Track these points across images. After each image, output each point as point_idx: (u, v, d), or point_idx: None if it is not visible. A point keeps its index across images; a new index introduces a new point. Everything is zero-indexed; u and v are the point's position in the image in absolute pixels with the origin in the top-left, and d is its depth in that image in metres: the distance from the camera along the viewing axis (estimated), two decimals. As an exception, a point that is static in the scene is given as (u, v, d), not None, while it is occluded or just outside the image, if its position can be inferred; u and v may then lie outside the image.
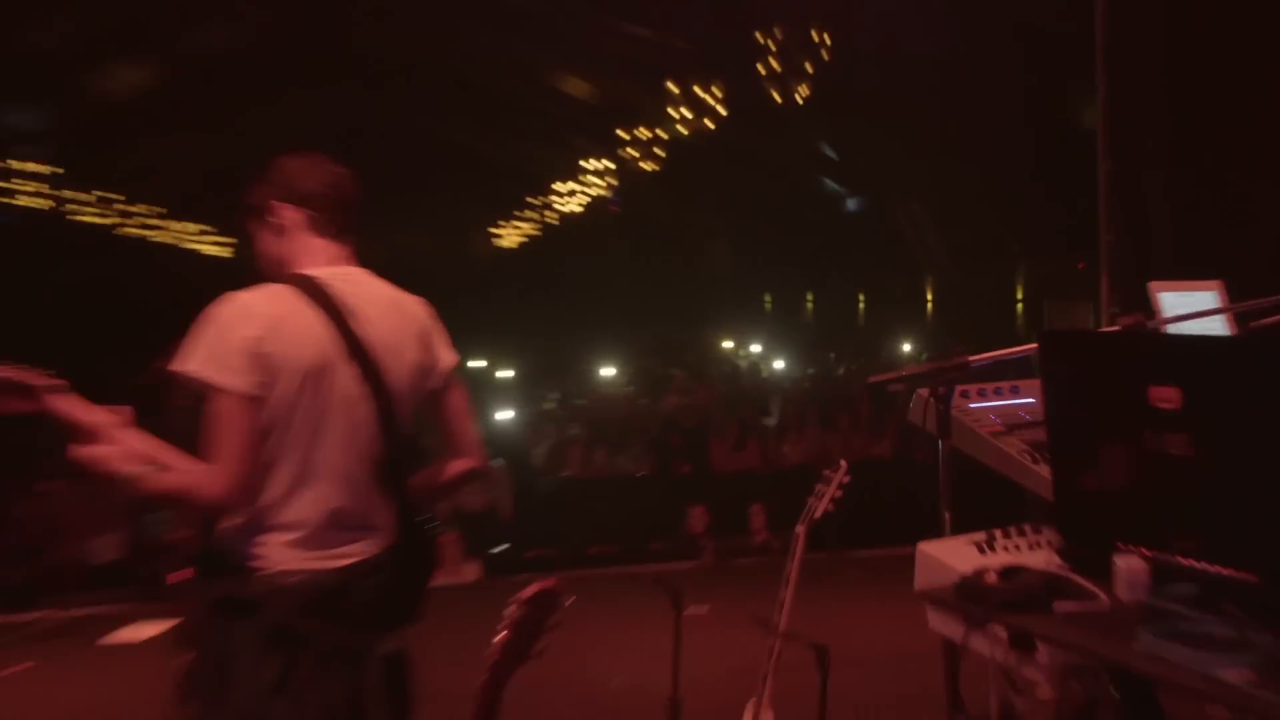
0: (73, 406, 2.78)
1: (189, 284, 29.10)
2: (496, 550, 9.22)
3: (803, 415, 11.74)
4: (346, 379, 2.71)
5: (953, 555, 2.73)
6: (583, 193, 23.85)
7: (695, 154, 21.52)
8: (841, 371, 17.08)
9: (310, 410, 2.68)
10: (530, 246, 29.83)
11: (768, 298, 27.83)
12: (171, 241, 28.19)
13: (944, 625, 2.72)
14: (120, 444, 2.71)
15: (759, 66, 14.64)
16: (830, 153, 21.58)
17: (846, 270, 24.45)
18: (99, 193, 22.97)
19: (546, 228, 27.79)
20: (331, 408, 2.70)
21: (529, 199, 27.32)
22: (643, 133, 19.94)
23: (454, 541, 8.00)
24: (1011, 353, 3.07)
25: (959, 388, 3.12)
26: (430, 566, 2.87)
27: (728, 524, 9.60)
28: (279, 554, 2.67)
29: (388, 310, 2.83)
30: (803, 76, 14.20)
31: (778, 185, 22.79)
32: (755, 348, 21.67)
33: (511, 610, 2.79)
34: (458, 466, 2.93)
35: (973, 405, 3.19)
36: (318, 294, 2.73)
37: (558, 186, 24.23)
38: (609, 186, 23.03)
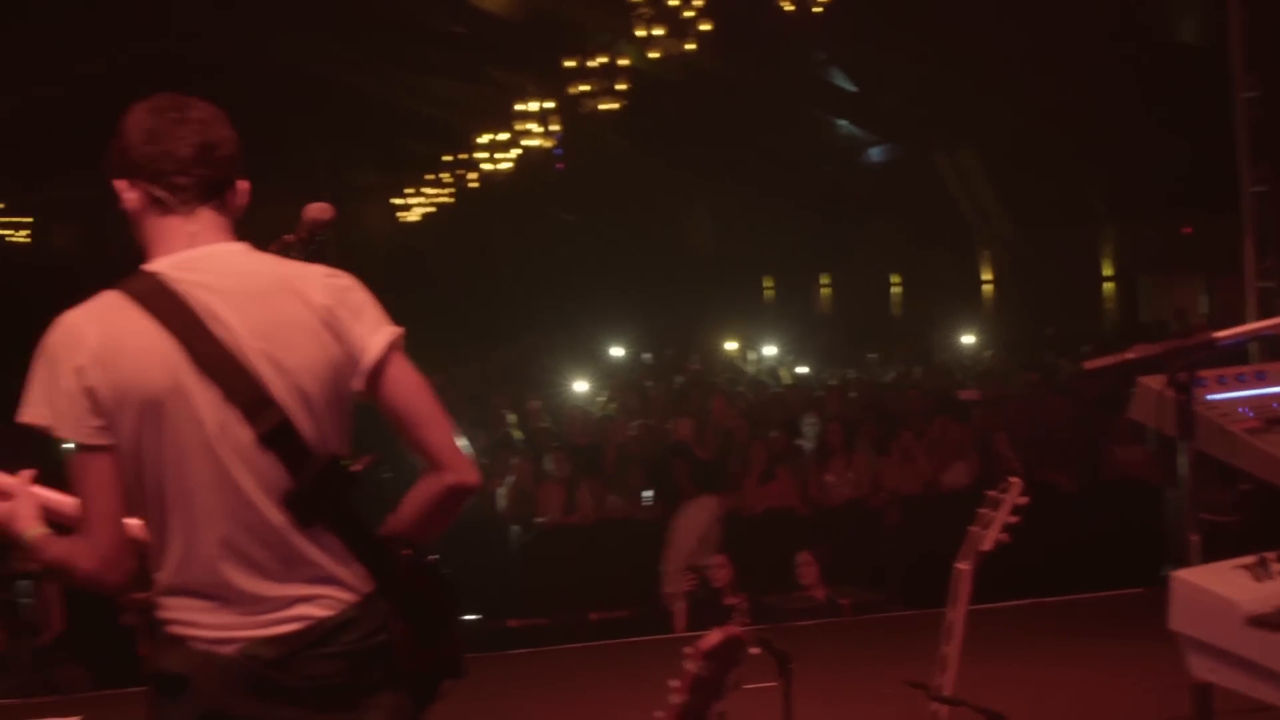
0: None
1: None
2: (467, 618, 9.30)
3: (849, 436, 11.94)
4: (205, 403, 2.76)
5: (1225, 584, 2.89)
6: (516, 145, 23.72)
7: (667, 90, 21.53)
8: (892, 376, 17.18)
9: (166, 450, 2.77)
10: (441, 219, 29.70)
11: (768, 282, 27.85)
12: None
13: (1211, 669, 2.91)
14: (24, 500, 2.94)
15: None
16: (847, 84, 21.52)
17: (872, 243, 24.50)
18: None
19: (464, 194, 27.63)
20: (191, 442, 2.77)
21: (443, 157, 27.22)
22: (597, 61, 19.82)
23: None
24: (1272, 326, 3.24)
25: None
26: (436, 612, 2.94)
27: (760, 576, 9.73)
28: (204, 621, 2.78)
29: (266, 297, 2.84)
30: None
31: (777, 130, 22.76)
32: (768, 349, 21.57)
33: (689, 667, 2.94)
34: (428, 487, 2.90)
35: (1210, 397, 3.36)
36: (157, 298, 2.80)
37: (481, 139, 24.08)
38: (551, 135, 22.88)
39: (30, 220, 31.76)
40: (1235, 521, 3.68)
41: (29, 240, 31.94)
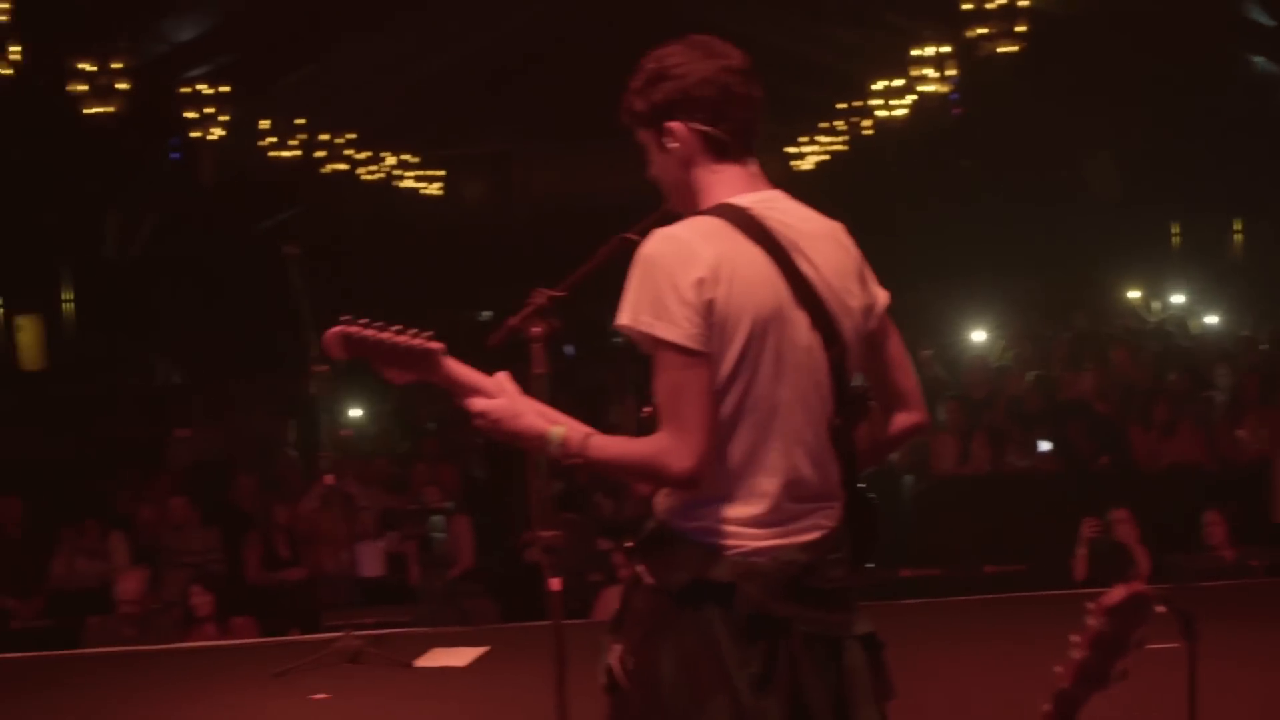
0: (458, 370, 3.21)
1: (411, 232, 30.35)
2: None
3: (1265, 389, 11.48)
4: (800, 328, 2.94)
5: None
6: (911, 91, 23.56)
7: (1070, 30, 20.98)
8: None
9: (765, 366, 2.91)
10: (835, 167, 29.88)
11: (1175, 229, 26.87)
12: (373, 178, 29.83)
13: None
14: (522, 406, 3.09)
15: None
16: (1264, 17, 20.57)
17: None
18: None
19: (859, 141, 27.70)
20: (787, 362, 2.93)
21: (837, 105, 27.31)
22: (996, 2, 19.51)
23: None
24: None
25: None
26: (875, 538, 3.12)
27: (1161, 535, 9.51)
28: (744, 532, 2.93)
29: (827, 243, 3.04)
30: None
31: (1186, 70, 21.93)
32: (1176, 298, 20.91)
33: (1091, 623, 2.91)
34: (901, 421, 3.18)
35: None
36: (755, 228, 2.95)
37: (876, 86, 24.03)
38: (948, 81, 22.61)
39: (442, 174, 33.32)
40: None
41: (441, 193, 33.55)
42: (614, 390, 15.27)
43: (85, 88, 16.91)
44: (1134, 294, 21.96)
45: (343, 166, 27.37)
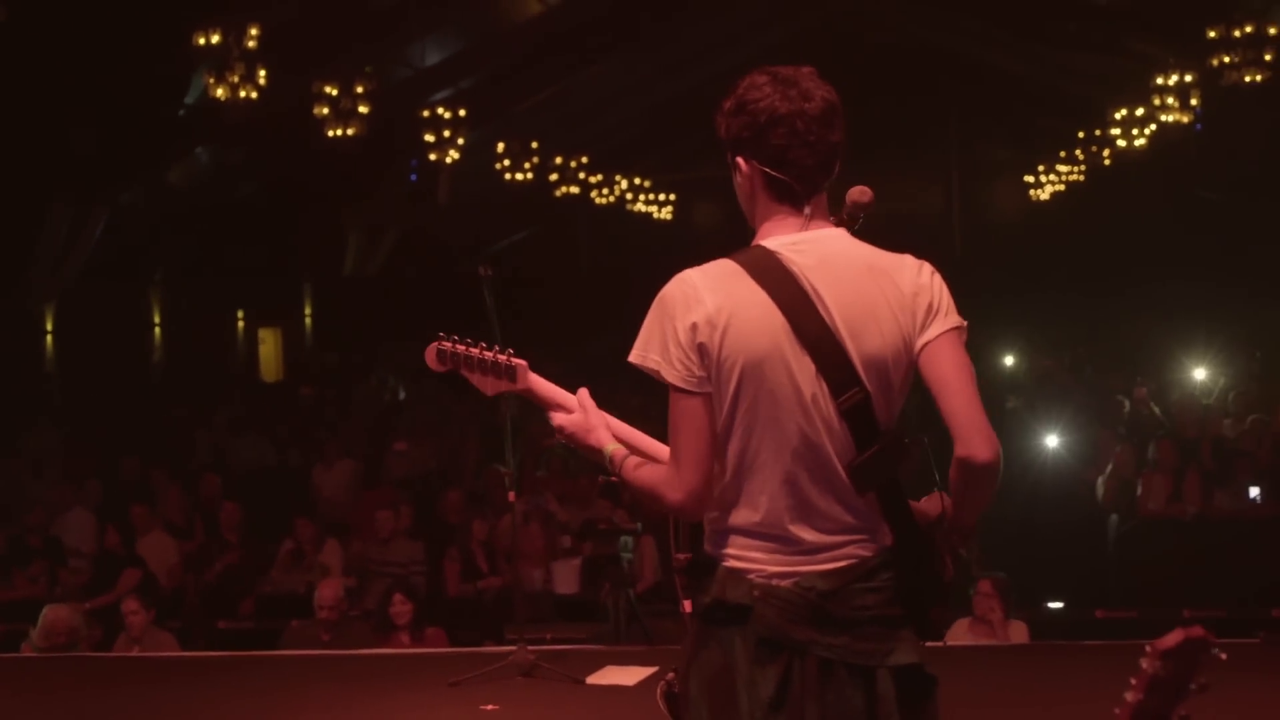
0: (541, 385, 3.47)
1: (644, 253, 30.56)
2: (1051, 606, 9.28)
3: None
4: (802, 371, 3.00)
5: None
6: (1152, 120, 22.96)
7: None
8: None
9: (763, 408, 3.02)
10: (1072, 197, 29.26)
11: None
12: (605, 201, 30.16)
13: None
14: (595, 421, 3.32)
15: None
16: None
17: None
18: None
19: (1097, 171, 27.11)
20: (784, 405, 3.01)
21: (1077, 133, 26.77)
22: (1243, 29, 18.93)
23: (993, 592, 8.11)
24: None
25: None
26: (936, 576, 3.12)
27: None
28: (765, 558, 3.05)
29: (857, 280, 3.05)
30: None
31: None
32: None
33: (1146, 665, 2.90)
34: (955, 457, 3.02)
35: None
36: (771, 273, 3.04)
37: (1117, 114, 23.48)
38: (1190, 110, 21.96)
39: (673, 198, 33.50)
40: None
41: (670, 217, 33.73)
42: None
43: (328, 111, 17.48)
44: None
45: (575, 190, 27.66)
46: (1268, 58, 18.80)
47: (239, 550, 11.18)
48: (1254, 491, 10.81)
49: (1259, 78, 18.92)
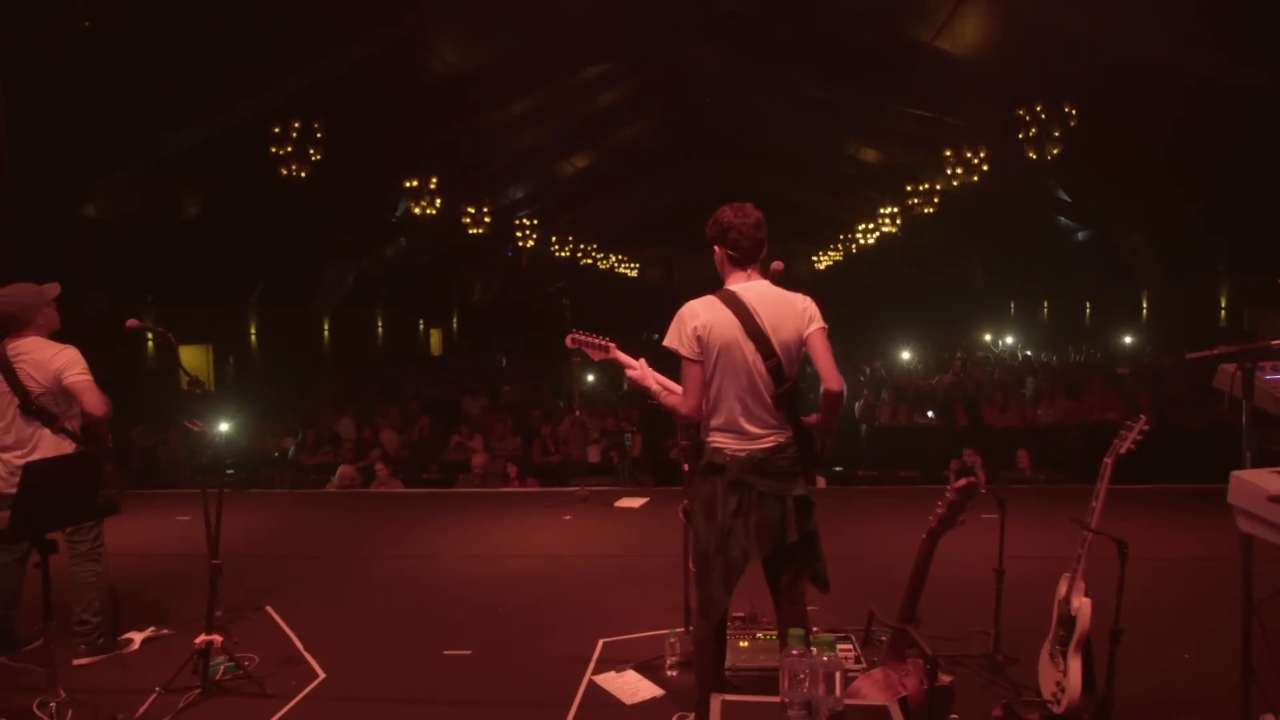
0: (620, 355, 3.41)
1: (620, 293, 30.49)
2: (836, 469, 9.26)
3: (1053, 388, 10.97)
4: (748, 349, 2.99)
5: (1261, 479, 2.57)
6: (878, 230, 23.05)
7: (963, 200, 20.29)
8: (1081, 358, 15.63)
9: (729, 369, 3.01)
10: (835, 269, 29.29)
11: (1012, 304, 25.79)
12: (605, 267, 29.93)
13: (1251, 526, 2.57)
14: (647, 373, 3.28)
15: (1020, 134, 13.60)
16: (1065, 196, 19.65)
17: (1075, 283, 22.21)
18: (566, 236, 24.85)
19: (848, 255, 27.18)
20: (739, 365, 3.00)
21: (840, 235, 26.81)
22: (924, 186, 19.03)
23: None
24: (1309, 338, 2.81)
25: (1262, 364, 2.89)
26: (813, 452, 3.09)
27: (995, 463, 9.14)
28: (729, 443, 3.03)
29: (777, 305, 3.05)
30: (1054, 141, 13.09)
31: (1022, 221, 21.05)
32: (1008, 339, 20.18)
33: (948, 494, 2.89)
34: (822, 389, 3.01)
35: (1269, 377, 2.95)
36: (733, 301, 3.03)
37: (860, 226, 23.56)
38: (896, 225, 22.10)
39: (637, 265, 33.34)
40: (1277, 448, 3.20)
41: (636, 275, 33.55)
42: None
43: (469, 220, 17.33)
44: (987, 337, 21.26)
45: (588, 260, 27.49)
46: (936, 200, 18.91)
47: (430, 439, 11.02)
48: (930, 414, 10.81)
49: (928, 210, 19.08)
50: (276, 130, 11.23)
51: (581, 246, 26.15)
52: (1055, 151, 13.07)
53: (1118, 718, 3.25)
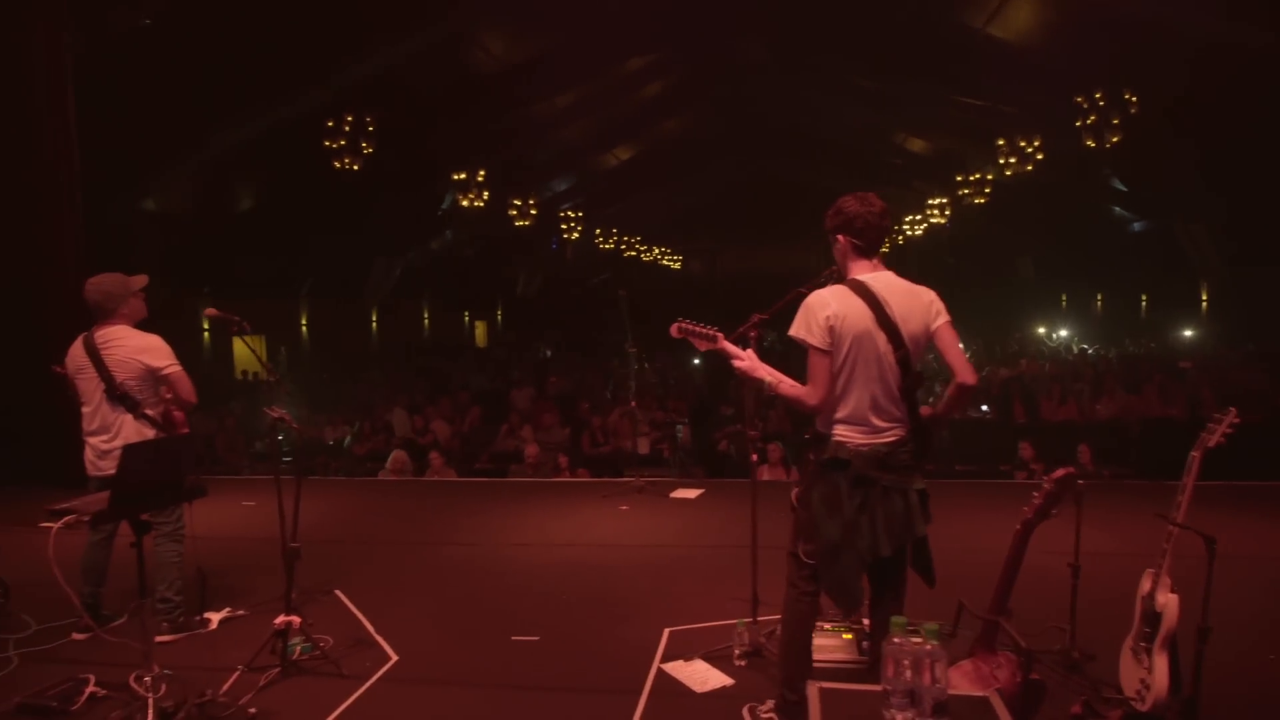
0: (728, 345, 3.30)
1: (660, 286, 30.52)
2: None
3: (1110, 382, 10.75)
4: (880, 340, 2.93)
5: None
6: (926, 221, 22.72)
7: (1014, 190, 19.92)
8: (1140, 351, 15.27)
9: (861, 359, 2.94)
10: (882, 260, 28.84)
11: (1064, 297, 25.24)
12: (649, 260, 29.90)
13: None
14: (758, 365, 3.19)
15: (1077, 122, 13.29)
16: (1121, 186, 19.17)
17: (1131, 275, 21.64)
18: (610, 228, 24.87)
19: (895, 248, 26.80)
20: (870, 356, 2.94)
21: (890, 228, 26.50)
22: (974, 176, 18.70)
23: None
24: None
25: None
26: (931, 445, 3.07)
27: (1051, 458, 8.97)
28: (853, 435, 2.97)
29: (905, 297, 3.01)
30: (1114, 129, 12.77)
31: (1075, 211, 20.57)
32: (1061, 333, 19.79)
33: (1045, 485, 2.85)
34: (955, 382, 2.98)
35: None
36: (863, 291, 2.97)
37: (907, 218, 23.23)
38: (945, 216, 21.76)
39: (680, 258, 33.25)
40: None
41: (679, 268, 33.48)
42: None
43: (515, 213, 17.42)
44: (1040, 330, 20.84)
45: (633, 252, 27.44)
46: (988, 190, 18.59)
47: (481, 430, 11.10)
48: (984, 408, 10.59)
49: (979, 200, 18.74)
50: (330, 124, 11.38)
51: (625, 239, 26.13)
52: (1115, 139, 12.77)
53: (1203, 717, 3.17)
